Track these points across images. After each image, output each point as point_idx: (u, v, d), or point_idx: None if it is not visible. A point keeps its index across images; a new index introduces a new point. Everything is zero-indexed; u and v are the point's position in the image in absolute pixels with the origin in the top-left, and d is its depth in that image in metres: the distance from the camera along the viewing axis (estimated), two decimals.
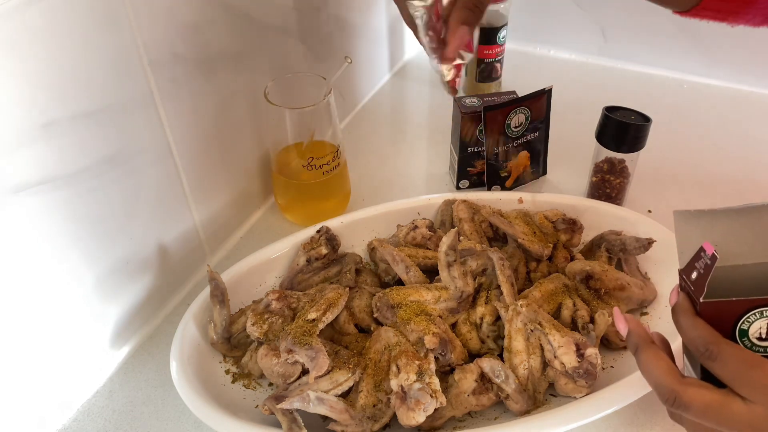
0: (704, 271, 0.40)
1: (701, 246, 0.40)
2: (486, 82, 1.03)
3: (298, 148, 0.76)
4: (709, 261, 0.40)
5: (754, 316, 0.40)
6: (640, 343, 0.43)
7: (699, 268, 0.41)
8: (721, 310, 0.40)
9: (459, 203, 0.73)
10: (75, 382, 0.62)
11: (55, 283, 0.56)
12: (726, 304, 0.40)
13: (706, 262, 0.40)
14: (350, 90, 1.00)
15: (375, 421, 0.55)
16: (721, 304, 0.40)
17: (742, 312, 0.40)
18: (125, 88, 0.58)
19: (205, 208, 0.73)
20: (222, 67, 0.69)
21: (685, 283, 0.42)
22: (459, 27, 0.52)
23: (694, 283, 0.41)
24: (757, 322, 0.40)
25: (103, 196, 0.58)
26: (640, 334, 0.43)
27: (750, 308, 0.40)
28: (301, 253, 0.69)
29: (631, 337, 0.44)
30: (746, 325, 0.40)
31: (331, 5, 0.87)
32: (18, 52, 0.47)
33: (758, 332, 0.40)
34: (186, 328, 0.61)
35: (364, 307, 0.64)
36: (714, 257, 0.39)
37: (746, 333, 0.40)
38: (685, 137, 0.95)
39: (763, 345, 0.40)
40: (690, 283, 0.41)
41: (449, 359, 0.58)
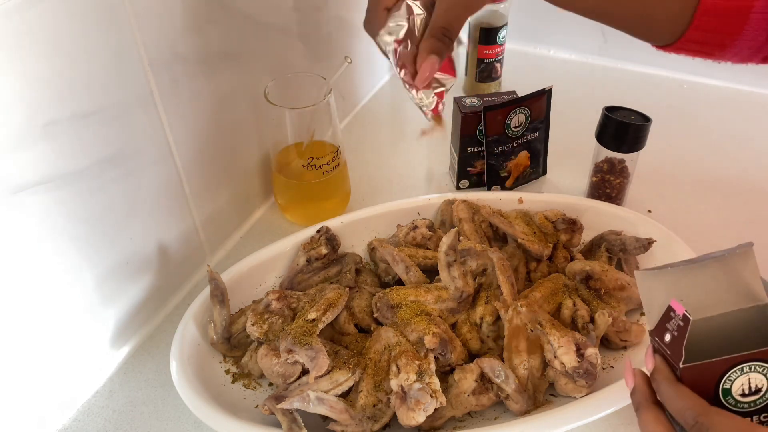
0: (678, 333, 0.39)
1: (669, 305, 0.40)
2: (486, 82, 1.03)
3: (298, 148, 0.76)
4: (681, 322, 0.39)
5: (735, 374, 0.39)
6: (642, 402, 0.42)
7: (672, 330, 0.40)
8: (701, 372, 0.39)
9: (459, 203, 0.73)
10: (75, 382, 0.62)
11: (55, 283, 0.56)
12: (706, 366, 0.39)
13: (678, 323, 0.39)
14: (350, 90, 1.00)
15: (375, 421, 0.55)
16: (702, 367, 0.39)
17: (723, 371, 0.39)
18: (125, 88, 0.58)
19: (205, 208, 0.73)
20: (222, 67, 0.69)
21: (658, 345, 0.41)
22: (428, 56, 0.53)
23: (669, 346, 0.40)
24: (738, 379, 0.39)
25: (103, 196, 0.58)
26: (644, 393, 0.42)
27: (730, 366, 0.39)
28: (301, 253, 0.69)
29: (635, 395, 0.43)
30: (728, 384, 0.39)
31: (331, 5, 0.87)
32: (18, 52, 0.47)
33: (741, 389, 0.39)
34: (186, 328, 0.61)
35: (364, 307, 0.64)
36: (686, 318, 0.39)
37: (729, 391, 0.39)
38: (685, 137, 0.95)
39: (747, 401, 0.40)
40: (665, 346, 0.41)
41: (449, 359, 0.58)
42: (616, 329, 0.62)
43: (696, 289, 0.41)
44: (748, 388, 0.39)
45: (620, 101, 0.76)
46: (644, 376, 0.44)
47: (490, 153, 0.81)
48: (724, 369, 0.39)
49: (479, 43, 0.98)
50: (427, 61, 0.52)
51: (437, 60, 0.53)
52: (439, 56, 0.53)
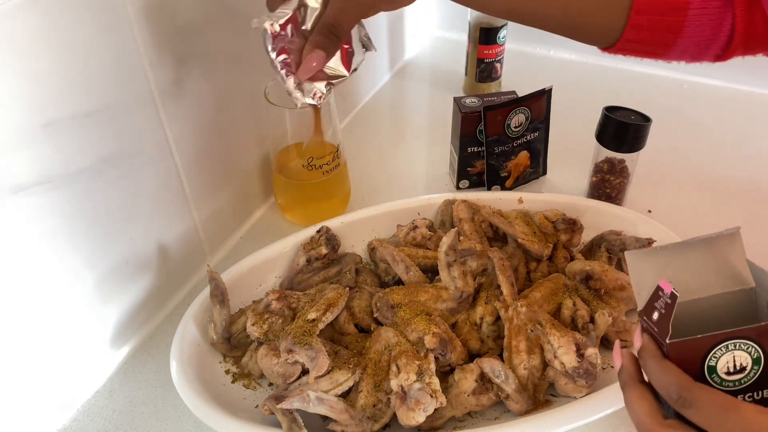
0: (666, 310, 0.40)
1: (658, 285, 0.40)
2: (486, 82, 1.03)
3: (298, 148, 0.76)
4: (669, 300, 0.39)
5: (721, 351, 0.39)
6: (628, 381, 0.42)
7: (660, 308, 0.40)
8: (687, 349, 0.39)
9: (459, 203, 0.73)
10: (75, 382, 0.62)
11: (55, 283, 0.56)
12: (692, 343, 0.39)
13: (666, 301, 0.40)
14: (350, 90, 1.00)
15: (375, 421, 0.55)
16: (687, 343, 0.39)
17: (708, 348, 0.39)
18: (125, 89, 0.58)
19: (205, 208, 0.73)
20: (222, 67, 0.69)
21: (647, 324, 0.42)
22: (313, 51, 0.53)
23: (656, 324, 0.41)
24: (723, 356, 0.39)
25: (103, 196, 0.58)
26: (630, 372, 0.43)
27: (716, 344, 0.39)
28: (301, 253, 0.69)
29: (621, 373, 0.44)
30: (714, 361, 0.39)
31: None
32: (18, 52, 0.47)
33: (726, 367, 0.40)
34: (186, 328, 0.61)
35: (364, 307, 0.64)
36: (674, 295, 0.39)
37: (715, 369, 0.40)
38: (685, 137, 0.95)
39: (732, 379, 0.40)
40: (653, 324, 0.41)
41: (449, 359, 0.58)
42: (616, 329, 0.62)
43: (684, 271, 0.41)
44: (733, 366, 0.39)
45: (620, 101, 0.76)
46: (631, 356, 0.44)
47: (490, 153, 0.81)
48: (709, 346, 0.39)
49: (479, 43, 0.98)
50: (312, 54, 0.53)
51: (323, 55, 0.54)
52: (324, 52, 0.54)
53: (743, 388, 0.40)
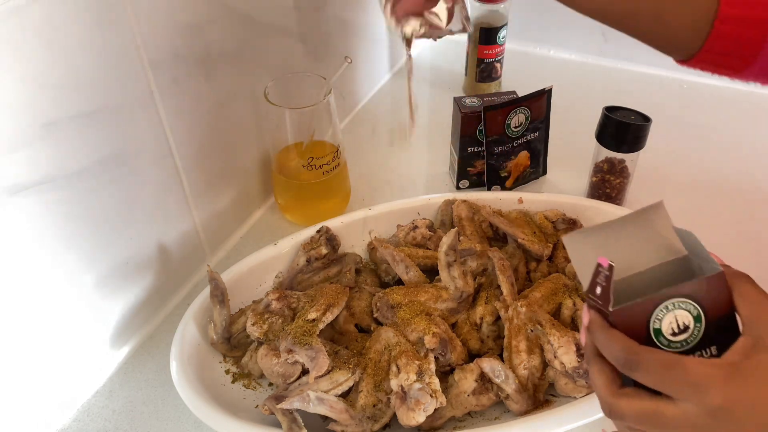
0: (606, 282, 0.41)
1: (597, 261, 0.41)
2: (486, 82, 1.03)
3: (298, 148, 0.76)
4: (608, 272, 0.40)
5: (662, 312, 0.40)
6: (589, 356, 0.43)
7: (601, 282, 0.41)
8: (631, 314, 0.40)
9: (459, 203, 0.73)
10: (75, 382, 0.62)
11: (56, 283, 0.56)
12: (634, 308, 0.40)
13: (605, 274, 0.41)
14: (350, 90, 1.00)
15: (375, 421, 0.55)
16: (630, 309, 0.40)
17: (650, 311, 0.40)
18: (125, 88, 0.58)
19: (205, 208, 0.73)
20: (222, 67, 0.69)
21: (593, 301, 0.42)
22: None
23: (600, 297, 0.41)
24: (666, 317, 0.40)
25: (103, 196, 0.58)
26: (589, 347, 0.43)
27: (656, 305, 0.40)
28: (301, 253, 0.69)
29: (585, 353, 0.44)
30: (658, 324, 0.40)
31: (331, 5, 0.87)
32: (18, 52, 0.47)
33: (671, 327, 0.41)
34: (186, 328, 0.61)
35: (364, 307, 0.65)
36: (611, 266, 0.40)
37: (660, 331, 0.41)
38: (685, 137, 0.95)
39: (678, 340, 0.41)
40: (597, 298, 0.42)
41: (449, 359, 0.58)
42: None
43: (620, 247, 0.42)
44: (677, 326, 0.40)
45: (620, 101, 0.76)
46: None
47: (490, 153, 0.81)
48: (651, 308, 0.40)
49: (479, 43, 0.98)
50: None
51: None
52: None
53: (691, 348, 0.41)
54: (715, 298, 0.40)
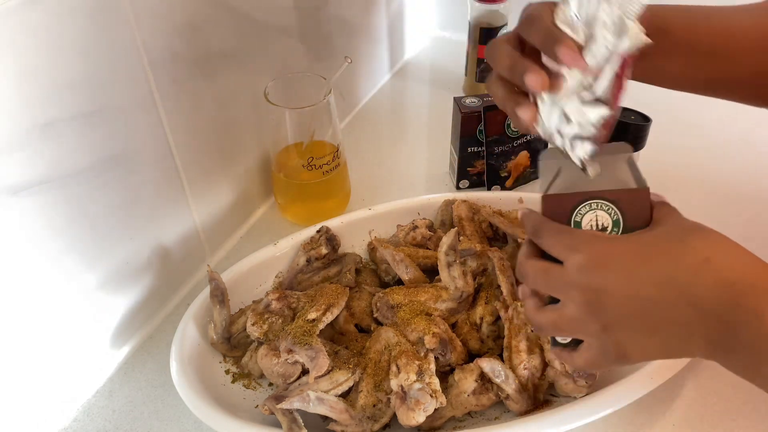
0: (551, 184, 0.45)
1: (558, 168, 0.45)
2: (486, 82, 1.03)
3: (298, 148, 0.76)
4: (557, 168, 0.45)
5: (585, 208, 0.44)
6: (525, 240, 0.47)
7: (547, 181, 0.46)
8: (558, 204, 0.45)
9: (459, 203, 0.73)
10: (75, 382, 0.62)
11: (55, 283, 0.56)
12: (561, 198, 0.45)
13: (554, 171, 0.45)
14: (350, 90, 1.00)
15: (375, 421, 0.55)
16: (558, 198, 0.45)
17: (574, 205, 0.44)
18: (125, 89, 0.58)
19: (205, 208, 0.73)
20: (222, 67, 0.69)
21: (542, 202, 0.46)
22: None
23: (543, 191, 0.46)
24: (587, 214, 0.44)
25: (103, 196, 0.58)
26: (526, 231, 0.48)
27: (581, 201, 0.44)
28: (301, 253, 0.69)
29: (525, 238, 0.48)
30: (579, 217, 0.44)
31: (331, 5, 0.87)
32: (18, 52, 0.47)
33: (590, 224, 0.44)
34: (186, 328, 0.61)
35: (364, 307, 0.65)
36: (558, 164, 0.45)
37: (580, 225, 0.44)
38: (685, 137, 0.95)
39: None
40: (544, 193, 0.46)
41: (449, 359, 0.58)
42: None
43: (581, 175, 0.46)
44: (596, 225, 0.44)
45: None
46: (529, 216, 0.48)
47: (490, 153, 0.81)
48: (575, 202, 0.44)
49: (479, 43, 0.98)
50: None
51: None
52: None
53: None
54: (637, 210, 0.44)
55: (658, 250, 0.40)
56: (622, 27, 0.40)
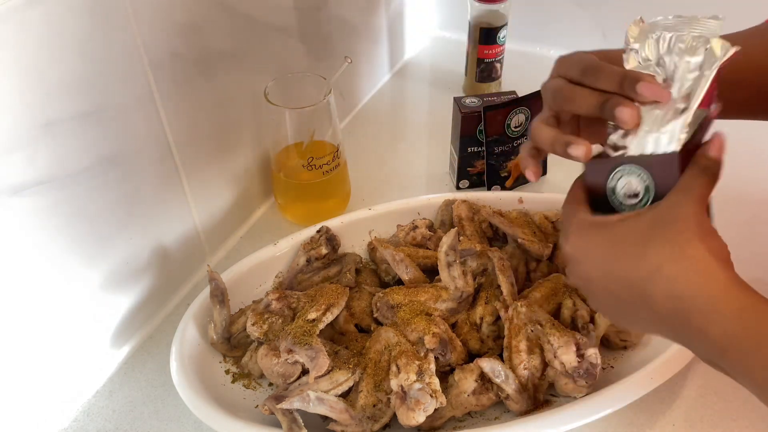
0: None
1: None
2: (486, 82, 1.03)
3: (298, 148, 0.76)
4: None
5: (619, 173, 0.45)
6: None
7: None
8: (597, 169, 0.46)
9: (459, 203, 0.73)
10: (75, 382, 0.62)
11: (55, 284, 0.56)
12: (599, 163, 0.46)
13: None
14: (350, 90, 1.00)
15: (375, 421, 0.55)
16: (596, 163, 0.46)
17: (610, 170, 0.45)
18: (125, 88, 0.58)
19: (205, 208, 0.73)
20: (222, 67, 0.69)
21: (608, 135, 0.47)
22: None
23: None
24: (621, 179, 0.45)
25: (103, 196, 0.58)
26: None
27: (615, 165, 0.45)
28: (301, 253, 0.69)
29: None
30: (614, 183, 0.45)
31: (331, 5, 0.87)
32: (18, 52, 0.47)
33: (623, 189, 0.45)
34: (186, 328, 0.61)
35: (364, 307, 0.65)
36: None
37: (615, 190, 0.45)
38: None
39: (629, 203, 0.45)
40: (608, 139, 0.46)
41: (449, 359, 0.58)
42: (616, 329, 0.62)
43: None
44: (629, 190, 0.45)
45: None
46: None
47: (490, 153, 0.81)
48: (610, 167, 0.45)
49: (479, 43, 0.98)
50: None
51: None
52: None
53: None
54: (665, 176, 0.43)
55: (623, 250, 0.41)
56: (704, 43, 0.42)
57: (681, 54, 0.43)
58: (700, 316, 0.37)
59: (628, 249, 0.41)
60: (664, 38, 0.43)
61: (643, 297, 0.40)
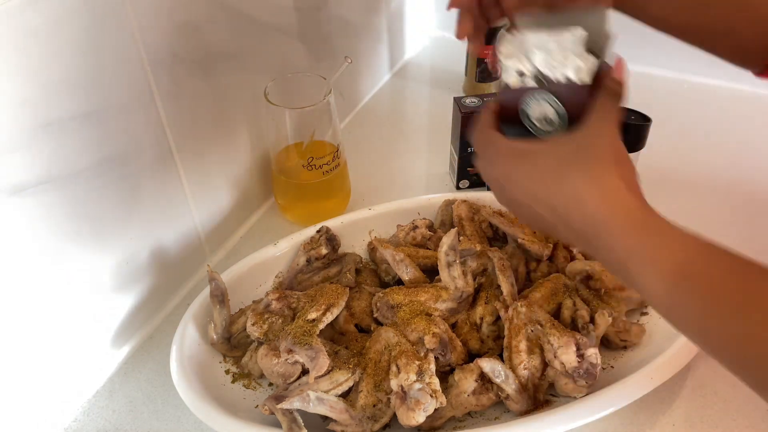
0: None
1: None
2: (486, 82, 1.03)
3: (298, 148, 0.76)
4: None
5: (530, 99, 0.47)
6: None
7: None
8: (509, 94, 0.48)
9: (459, 203, 0.73)
10: (75, 382, 0.62)
11: (55, 283, 0.56)
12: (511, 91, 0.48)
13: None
14: (350, 90, 1.00)
15: (375, 421, 0.55)
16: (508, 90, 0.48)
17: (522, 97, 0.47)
18: (125, 88, 0.58)
19: (205, 208, 0.73)
20: (222, 67, 0.69)
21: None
22: None
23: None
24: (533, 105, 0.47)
25: (103, 196, 0.58)
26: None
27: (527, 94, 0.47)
28: (301, 253, 0.69)
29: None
30: (527, 107, 0.47)
31: (331, 5, 0.87)
32: (18, 52, 0.47)
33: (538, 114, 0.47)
34: (186, 328, 0.61)
35: (364, 307, 0.65)
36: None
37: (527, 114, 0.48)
38: (685, 137, 0.95)
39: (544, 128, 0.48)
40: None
41: (449, 359, 0.58)
42: (616, 329, 0.62)
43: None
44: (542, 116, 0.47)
45: None
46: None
47: None
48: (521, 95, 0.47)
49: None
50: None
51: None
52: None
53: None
54: (578, 103, 0.45)
55: (547, 177, 0.45)
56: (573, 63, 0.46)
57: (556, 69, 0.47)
58: (607, 234, 0.42)
59: (550, 176, 0.45)
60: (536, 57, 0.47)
61: (563, 218, 0.45)
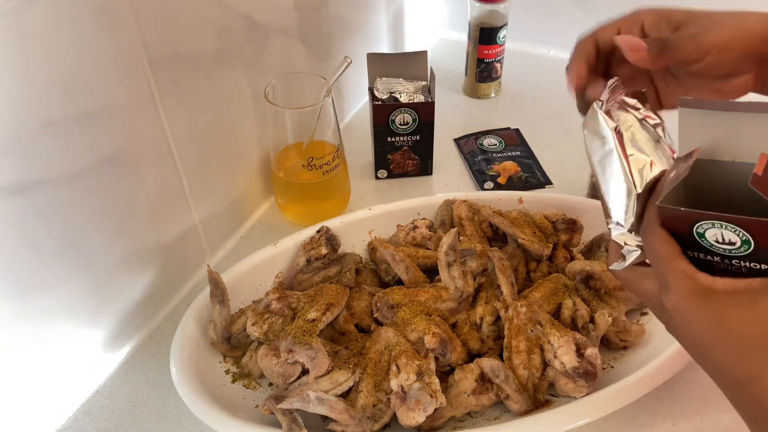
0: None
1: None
2: (486, 82, 1.03)
3: (298, 148, 0.76)
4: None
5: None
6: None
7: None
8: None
9: (459, 203, 0.73)
10: (75, 382, 0.62)
11: (55, 283, 0.56)
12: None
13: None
14: (350, 90, 1.00)
15: (375, 421, 0.55)
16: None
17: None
18: (126, 89, 0.58)
19: (205, 208, 0.73)
20: (222, 67, 0.69)
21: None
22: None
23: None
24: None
25: (103, 196, 0.58)
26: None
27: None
28: (301, 253, 0.69)
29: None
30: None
31: (331, 5, 0.87)
32: (19, 52, 0.47)
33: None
34: (186, 328, 0.61)
35: (364, 307, 0.65)
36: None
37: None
38: None
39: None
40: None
41: (449, 359, 0.58)
42: (616, 329, 0.62)
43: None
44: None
45: None
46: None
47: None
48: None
49: (479, 43, 0.98)
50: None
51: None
52: None
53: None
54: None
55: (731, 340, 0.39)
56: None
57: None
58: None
59: (735, 342, 0.39)
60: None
61: (739, 386, 0.40)
